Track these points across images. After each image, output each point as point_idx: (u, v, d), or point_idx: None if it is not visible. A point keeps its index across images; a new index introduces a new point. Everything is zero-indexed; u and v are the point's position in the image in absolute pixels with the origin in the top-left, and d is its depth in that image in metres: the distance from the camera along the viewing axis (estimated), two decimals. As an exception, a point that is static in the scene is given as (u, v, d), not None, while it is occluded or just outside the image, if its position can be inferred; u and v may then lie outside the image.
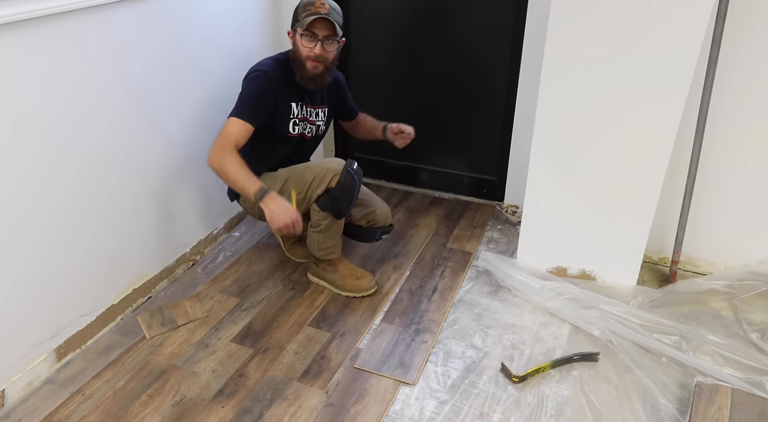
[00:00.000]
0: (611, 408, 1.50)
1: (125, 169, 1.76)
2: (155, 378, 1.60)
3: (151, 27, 1.74)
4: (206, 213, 2.17)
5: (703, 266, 2.05)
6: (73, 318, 1.68)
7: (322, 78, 1.83)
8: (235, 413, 1.49)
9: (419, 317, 1.83)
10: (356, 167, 1.80)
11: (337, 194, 1.76)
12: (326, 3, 1.76)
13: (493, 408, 1.50)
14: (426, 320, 1.82)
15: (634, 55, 1.61)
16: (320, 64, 1.79)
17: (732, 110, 1.79)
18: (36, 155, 1.48)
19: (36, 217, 1.51)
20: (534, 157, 1.87)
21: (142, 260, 1.90)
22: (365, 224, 1.97)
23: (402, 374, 1.61)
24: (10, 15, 1.31)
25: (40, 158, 1.49)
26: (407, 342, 1.73)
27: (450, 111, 2.46)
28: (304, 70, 1.80)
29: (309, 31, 1.75)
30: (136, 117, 1.76)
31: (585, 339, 1.73)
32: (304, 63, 1.79)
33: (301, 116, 1.89)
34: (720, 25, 1.62)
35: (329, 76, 1.86)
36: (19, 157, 1.44)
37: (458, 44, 2.32)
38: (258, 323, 1.82)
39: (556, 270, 2.01)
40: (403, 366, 1.64)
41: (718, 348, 1.65)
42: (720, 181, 1.90)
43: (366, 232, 1.99)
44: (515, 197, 2.38)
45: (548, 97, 1.76)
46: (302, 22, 1.75)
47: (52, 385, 1.58)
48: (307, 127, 1.93)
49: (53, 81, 1.48)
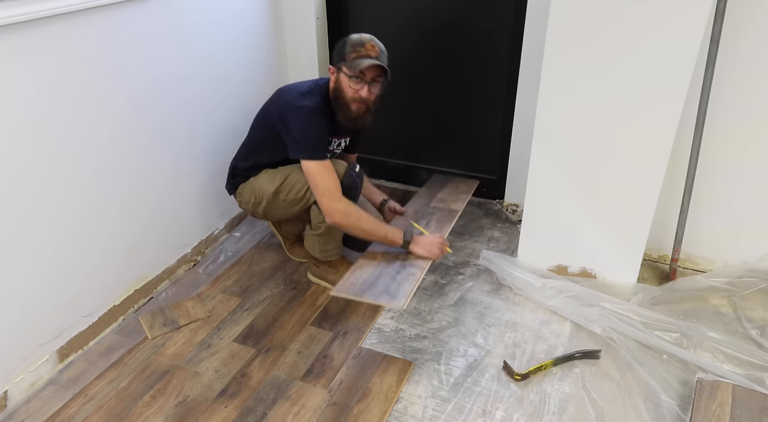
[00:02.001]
0: (613, 405, 1.51)
1: (127, 172, 1.76)
2: (158, 378, 1.60)
3: (156, 30, 1.74)
4: (207, 214, 2.17)
5: (703, 264, 2.06)
6: (76, 319, 1.68)
7: (365, 119, 1.79)
8: (239, 413, 1.49)
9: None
10: (358, 169, 1.80)
11: None
12: (376, 45, 1.71)
13: (495, 406, 1.51)
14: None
15: (633, 54, 1.62)
16: (364, 105, 1.75)
17: (731, 107, 1.80)
18: (39, 160, 1.48)
19: (39, 220, 1.51)
20: (534, 156, 1.88)
21: (144, 261, 1.90)
22: None
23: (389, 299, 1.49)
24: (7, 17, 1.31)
25: (43, 162, 1.49)
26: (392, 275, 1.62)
27: (450, 110, 2.46)
28: (348, 110, 1.75)
29: (359, 73, 1.69)
30: (140, 121, 1.76)
31: (586, 336, 1.74)
32: (348, 105, 1.74)
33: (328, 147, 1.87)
34: (718, 22, 1.62)
35: (371, 116, 1.81)
36: (22, 162, 1.44)
37: (458, 42, 2.32)
38: (260, 323, 1.82)
39: (557, 268, 2.01)
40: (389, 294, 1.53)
41: (718, 345, 1.66)
42: (719, 179, 1.91)
43: (359, 241, 1.88)
44: (515, 195, 2.38)
45: (548, 96, 1.77)
46: (352, 64, 1.68)
47: (54, 386, 1.58)
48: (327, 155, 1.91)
49: (63, 83, 1.48)
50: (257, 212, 1.93)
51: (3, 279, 1.46)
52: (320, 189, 1.69)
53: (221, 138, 2.12)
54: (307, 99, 1.73)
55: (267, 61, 2.34)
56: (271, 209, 1.90)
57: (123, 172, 1.75)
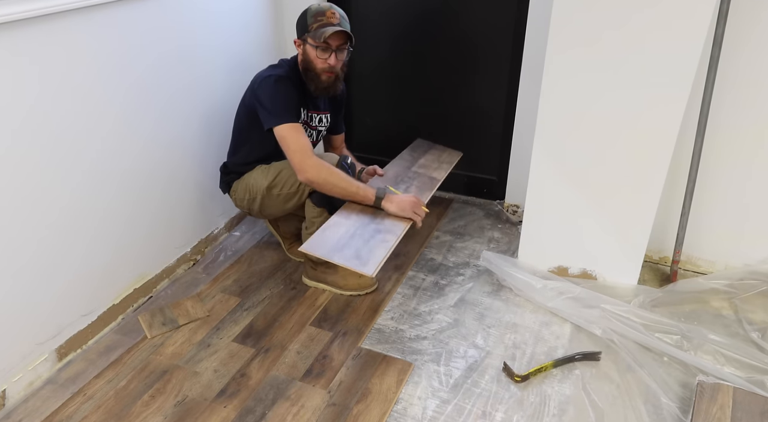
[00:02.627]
0: (613, 407, 1.50)
1: (127, 169, 1.76)
2: (157, 378, 1.60)
3: (154, 26, 1.74)
4: (206, 213, 2.17)
5: (704, 266, 2.05)
6: (74, 317, 1.68)
7: (335, 86, 1.83)
8: (238, 413, 1.49)
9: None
10: (350, 161, 1.81)
11: None
12: (336, 12, 1.74)
13: (495, 408, 1.51)
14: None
15: (635, 56, 1.61)
16: (333, 73, 1.79)
17: (733, 110, 1.80)
18: (40, 156, 1.47)
19: (38, 218, 1.51)
20: (535, 156, 1.87)
21: (143, 260, 1.90)
22: None
23: (358, 265, 1.45)
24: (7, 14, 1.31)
25: (44, 159, 1.48)
26: (365, 238, 1.59)
27: (451, 109, 2.46)
28: (319, 81, 1.79)
29: (324, 43, 1.72)
30: (139, 118, 1.76)
31: (587, 338, 1.74)
32: (319, 75, 1.77)
33: (304, 120, 1.89)
34: (721, 25, 1.62)
35: (340, 83, 1.86)
36: (22, 158, 1.43)
37: (459, 42, 2.32)
38: (259, 322, 1.81)
39: (558, 270, 2.01)
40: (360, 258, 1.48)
41: (719, 347, 1.65)
42: (721, 181, 1.91)
43: None
44: (516, 196, 2.38)
45: (550, 97, 1.76)
46: (315, 33, 1.71)
47: (53, 385, 1.58)
48: (309, 132, 1.93)
49: (64, 80, 1.47)
50: (253, 209, 1.93)
51: (2, 278, 1.45)
52: (292, 148, 1.70)
53: (221, 137, 2.12)
54: (275, 70, 1.80)
55: (269, 54, 2.33)
56: (266, 206, 1.90)
57: (122, 170, 1.74)
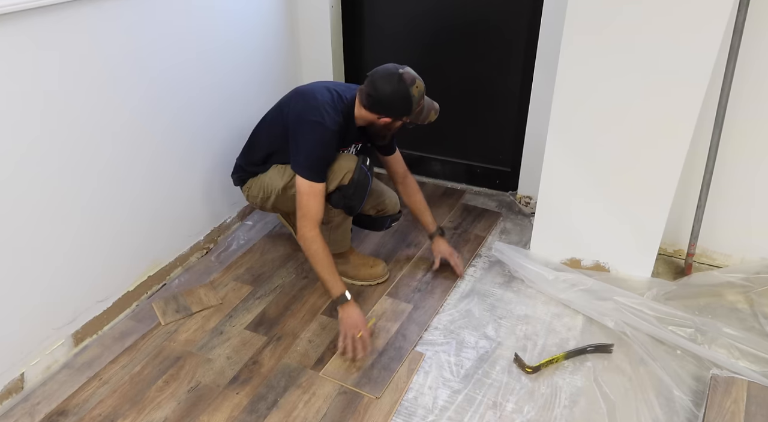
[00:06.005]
0: (625, 399, 1.50)
1: (142, 159, 1.77)
2: (170, 364, 1.62)
3: (173, 21, 1.74)
4: (219, 202, 2.18)
5: (719, 259, 2.03)
6: (90, 303, 1.70)
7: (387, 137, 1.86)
8: (250, 400, 1.50)
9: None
10: (369, 163, 1.79)
11: (351, 191, 1.74)
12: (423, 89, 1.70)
13: (506, 398, 1.51)
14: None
15: (653, 44, 1.59)
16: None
17: (752, 101, 1.76)
18: (63, 146, 1.49)
19: (56, 207, 1.53)
20: (549, 148, 1.86)
21: (157, 248, 1.92)
22: (375, 213, 1.97)
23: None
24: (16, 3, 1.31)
25: (66, 149, 1.50)
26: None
27: (463, 101, 2.44)
28: (377, 138, 1.84)
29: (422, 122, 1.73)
30: (157, 109, 1.77)
31: (599, 330, 1.73)
32: (383, 135, 1.81)
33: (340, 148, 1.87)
34: (742, 13, 1.59)
35: None
36: (46, 148, 1.45)
37: (473, 30, 2.30)
38: (272, 311, 1.83)
39: (570, 262, 2.00)
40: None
41: (733, 341, 1.64)
42: (738, 174, 1.87)
43: (376, 221, 1.99)
44: (529, 188, 2.36)
45: (565, 86, 1.74)
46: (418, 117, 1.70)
47: (69, 370, 1.60)
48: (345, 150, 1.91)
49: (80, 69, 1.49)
50: (265, 206, 1.93)
51: (23, 265, 1.48)
52: (302, 210, 1.67)
53: (236, 128, 2.12)
54: (327, 116, 1.66)
55: (282, 50, 2.33)
56: (279, 203, 1.90)
57: (138, 158, 1.76)
